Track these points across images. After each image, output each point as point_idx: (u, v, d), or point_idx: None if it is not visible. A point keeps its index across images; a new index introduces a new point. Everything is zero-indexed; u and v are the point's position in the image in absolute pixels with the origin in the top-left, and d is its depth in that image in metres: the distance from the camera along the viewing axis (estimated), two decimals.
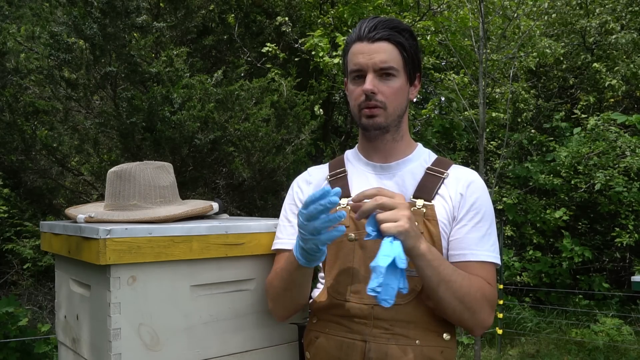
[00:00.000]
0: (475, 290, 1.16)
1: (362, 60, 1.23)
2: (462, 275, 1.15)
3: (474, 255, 1.21)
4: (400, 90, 1.25)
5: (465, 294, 1.14)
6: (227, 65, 4.09)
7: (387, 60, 1.22)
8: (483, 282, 1.19)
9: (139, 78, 3.09)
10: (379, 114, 1.24)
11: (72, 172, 3.33)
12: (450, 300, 1.14)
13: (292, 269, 1.19)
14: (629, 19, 7.51)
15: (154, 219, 1.27)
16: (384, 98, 1.23)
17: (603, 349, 5.42)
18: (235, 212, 3.45)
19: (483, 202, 1.26)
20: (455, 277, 1.13)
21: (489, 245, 1.23)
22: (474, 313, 1.17)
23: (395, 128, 1.28)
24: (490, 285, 1.20)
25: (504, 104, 6.50)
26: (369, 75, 1.22)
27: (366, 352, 1.18)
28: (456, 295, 1.13)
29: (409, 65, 1.25)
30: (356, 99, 1.26)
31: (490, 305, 1.19)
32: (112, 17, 2.93)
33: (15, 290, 5.80)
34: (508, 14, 5.70)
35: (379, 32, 1.22)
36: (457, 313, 1.16)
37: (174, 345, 1.20)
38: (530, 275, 6.95)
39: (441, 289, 1.13)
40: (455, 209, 1.24)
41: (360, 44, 1.24)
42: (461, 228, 1.23)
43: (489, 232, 1.24)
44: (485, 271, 1.21)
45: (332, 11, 5.43)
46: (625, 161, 6.23)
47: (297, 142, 3.60)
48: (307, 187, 1.35)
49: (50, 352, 3.88)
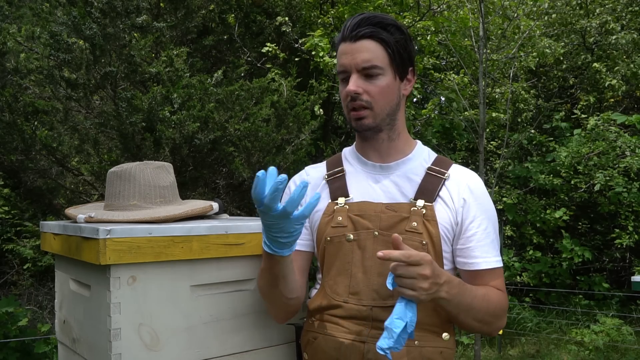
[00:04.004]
0: (493, 307, 1.20)
1: (345, 61, 1.21)
2: (479, 297, 1.18)
3: (487, 264, 1.23)
4: (387, 89, 1.22)
5: (484, 316, 1.19)
6: (227, 65, 4.09)
7: (369, 59, 1.19)
8: (498, 293, 1.23)
9: (139, 78, 3.09)
10: (365, 115, 1.22)
11: (72, 172, 3.33)
12: (470, 323, 1.19)
13: (269, 264, 1.17)
14: (629, 19, 7.51)
15: (154, 219, 1.27)
16: (370, 98, 1.21)
17: (603, 349, 5.42)
18: (235, 212, 3.45)
19: (487, 207, 1.27)
20: (475, 303, 1.17)
21: (497, 251, 1.26)
22: (491, 327, 1.22)
23: (388, 127, 1.26)
24: (503, 293, 1.25)
25: (504, 104, 6.50)
26: (353, 75, 1.20)
27: (365, 353, 1.17)
28: (476, 319, 1.18)
29: (396, 61, 1.22)
30: (344, 100, 1.25)
31: (505, 312, 1.25)
32: (112, 17, 2.93)
33: (15, 290, 5.79)
34: (508, 14, 5.70)
35: (361, 30, 1.19)
36: (476, 329, 1.22)
37: (174, 345, 1.20)
38: (530, 276, 6.95)
39: (461, 317, 1.17)
40: (459, 214, 1.23)
41: (344, 44, 1.22)
42: (471, 237, 1.23)
43: (496, 236, 1.27)
44: (497, 277, 1.25)
45: (332, 11, 5.43)
46: (625, 161, 6.22)
47: (297, 142, 3.60)
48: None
49: (50, 352, 3.88)
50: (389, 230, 1.20)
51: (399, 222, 1.20)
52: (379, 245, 1.20)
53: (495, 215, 1.29)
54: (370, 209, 1.23)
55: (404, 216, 1.21)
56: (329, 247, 1.25)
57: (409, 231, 1.19)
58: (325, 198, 1.29)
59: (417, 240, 1.19)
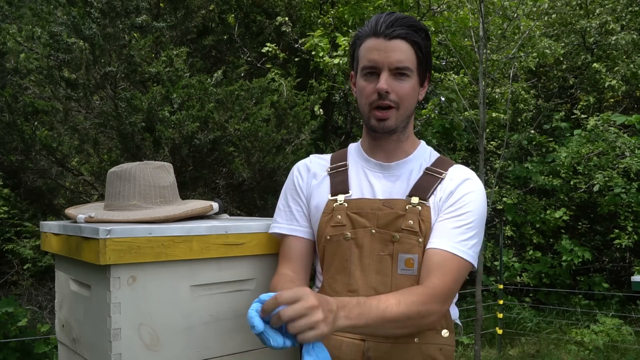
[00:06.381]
0: (413, 309, 1.09)
1: (377, 57, 1.20)
2: (393, 306, 1.07)
3: (438, 244, 1.17)
4: (412, 91, 1.23)
5: (404, 321, 1.09)
6: (227, 65, 4.10)
7: (403, 59, 1.19)
8: (419, 291, 1.13)
9: (139, 78, 3.10)
10: (390, 116, 1.22)
11: (72, 172, 3.33)
12: (394, 332, 1.13)
13: None
14: (629, 19, 7.51)
15: (154, 219, 1.27)
16: (397, 98, 1.21)
17: (603, 349, 5.42)
18: (235, 212, 3.45)
19: (471, 200, 1.22)
20: (387, 315, 1.06)
21: (460, 239, 1.18)
22: (419, 324, 1.14)
23: (402, 129, 1.27)
24: (434, 283, 1.14)
25: (504, 104, 6.50)
26: (384, 73, 1.19)
27: (365, 351, 1.18)
28: (397, 327, 1.10)
29: (422, 66, 1.23)
30: (368, 97, 1.23)
31: (438, 302, 1.14)
32: (112, 18, 2.93)
33: (15, 290, 5.79)
34: (508, 14, 5.70)
35: (396, 30, 1.18)
36: (408, 330, 1.14)
37: (174, 345, 1.20)
38: (530, 276, 6.96)
39: (379, 331, 1.11)
40: (442, 203, 1.23)
41: (376, 39, 1.20)
42: (439, 219, 1.21)
43: (467, 227, 1.20)
44: (443, 264, 1.16)
45: (332, 11, 5.43)
46: (625, 162, 6.23)
47: (297, 142, 3.60)
48: (306, 174, 1.35)
49: (50, 352, 3.88)
50: (386, 228, 1.21)
51: (395, 219, 1.21)
52: (376, 242, 1.21)
53: (479, 211, 1.23)
54: (367, 206, 1.24)
55: (400, 213, 1.21)
56: (328, 246, 1.25)
57: (406, 229, 1.20)
58: (325, 191, 1.30)
59: (413, 238, 1.20)
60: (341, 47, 4.87)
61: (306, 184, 1.33)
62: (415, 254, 1.19)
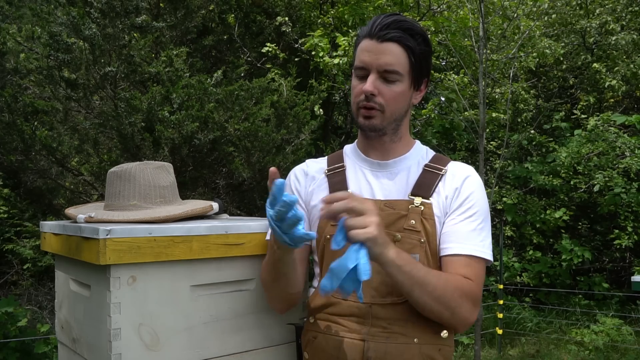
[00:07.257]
0: (452, 289, 1.14)
1: (367, 59, 1.20)
2: (436, 276, 1.13)
3: (461, 249, 1.19)
4: (401, 95, 1.23)
5: (441, 295, 1.12)
6: (227, 65, 4.09)
7: (392, 63, 1.19)
8: (461, 279, 1.17)
9: (139, 78, 3.10)
10: (375, 115, 1.23)
11: (72, 172, 3.33)
12: (427, 301, 1.12)
13: (274, 260, 1.19)
14: (629, 19, 7.51)
15: (154, 219, 1.27)
16: (383, 101, 1.21)
17: (603, 349, 5.42)
18: (235, 212, 3.45)
19: (477, 197, 1.24)
20: (429, 278, 1.11)
21: (478, 240, 1.21)
22: (453, 312, 1.15)
23: (392, 131, 1.27)
24: (470, 281, 1.17)
25: (504, 104, 6.50)
26: (372, 75, 1.20)
27: (365, 352, 1.17)
28: (432, 297, 1.12)
29: (416, 70, 1.22)
30: (356, 97, 1.25)
31: (471, 302, 1.17)
32: (112, 18, 2.93)
33: (15, 290, 5.79)
34: (508, 14, 5.70)
35: (390, 32, 1.18)
36: (435, 313, 1.14)
37: (174, 345, 1.20)
38: (530, 276, 6.96)
39: (415, 292, 1.11)
40: (449, 202, 1.23)
41: (369, 41, 1.20)
42: (451, 221, 1.22)
43: (480, 227, 1.22)
44: (470, 266, 1.19)
45: (332, 11, 5.43)
46: (625, 162, 6.23)
47: (297, 142, 3.60)
48: (304, 178, 1.35)
49: (50, 352, 3.88)
50: (387, 228, 1.20)
51: (397, 219, 1.21)
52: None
53: (486, 208, 1.26)
54: None
55: (402, 214, 1.21)
56: (328, 246, 1.25)
57: (407, 229, 1.20)
58: (324, 192, 1.29)
59: (415, 238, 1.20)
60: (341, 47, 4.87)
61: (304, 187, 1.34)
62: (416, 253, 1.19)
